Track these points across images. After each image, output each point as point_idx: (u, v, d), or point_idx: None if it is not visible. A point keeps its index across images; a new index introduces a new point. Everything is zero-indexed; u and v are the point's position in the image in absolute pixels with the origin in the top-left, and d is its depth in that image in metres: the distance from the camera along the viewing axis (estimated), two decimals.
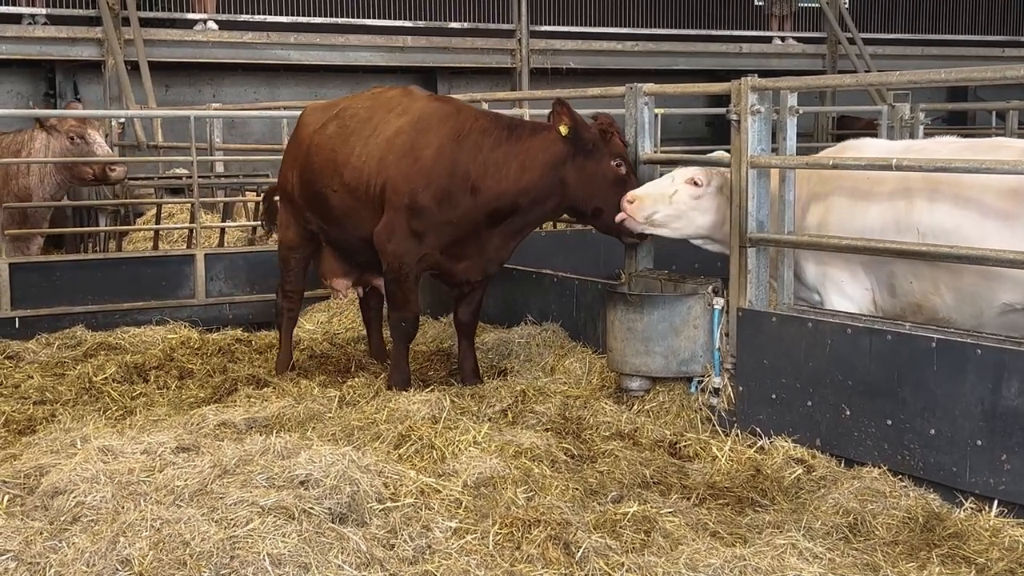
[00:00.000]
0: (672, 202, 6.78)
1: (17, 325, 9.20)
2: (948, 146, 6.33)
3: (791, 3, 21.90)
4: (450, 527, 4.94)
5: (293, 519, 4.75)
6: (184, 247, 11.10)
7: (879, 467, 5.67)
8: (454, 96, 9.67)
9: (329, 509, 4.92)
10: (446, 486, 5.37)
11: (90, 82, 18.01)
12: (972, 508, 5.28)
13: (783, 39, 22.11)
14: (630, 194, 6.86)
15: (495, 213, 7.18)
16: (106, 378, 7.85)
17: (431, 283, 8.58)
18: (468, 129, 7.21)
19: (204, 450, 5.67)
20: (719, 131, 19.79)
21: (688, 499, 5.51)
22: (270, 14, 18.55)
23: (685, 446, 6.27)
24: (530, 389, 7.07)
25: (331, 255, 8.10)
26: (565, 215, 7.92)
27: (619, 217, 6.83)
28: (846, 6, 22.33)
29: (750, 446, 6.18)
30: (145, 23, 17.08)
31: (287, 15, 18.67)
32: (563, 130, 6.96)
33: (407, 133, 7.32)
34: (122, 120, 15.43)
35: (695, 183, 6.78)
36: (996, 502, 5.24)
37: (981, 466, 5.32)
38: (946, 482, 5.46)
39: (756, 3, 22.42)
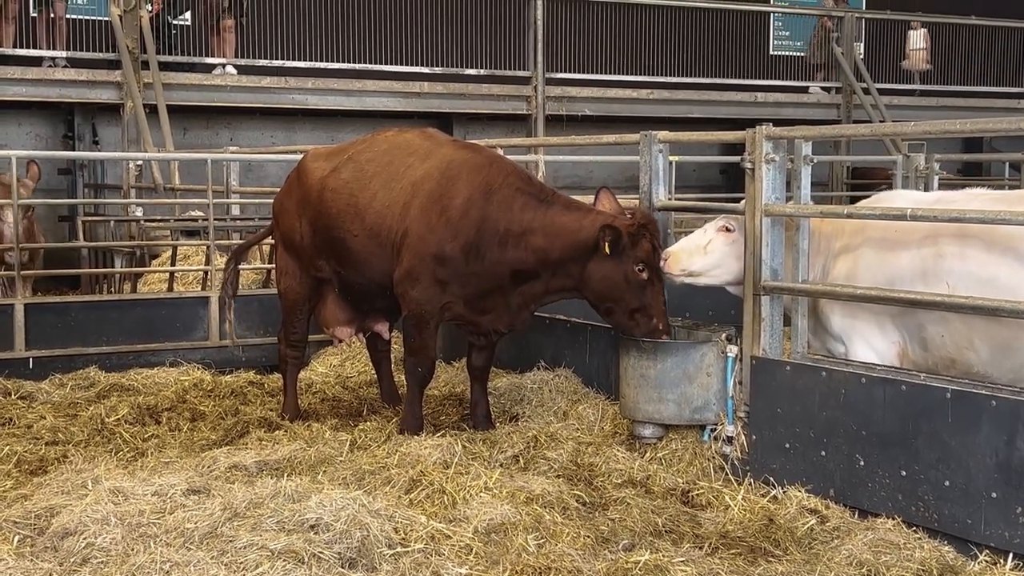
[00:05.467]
0: (708, 252, 6.82)
1: (31, 365, 9.23)
2: (979, 198, 6.24)
3: (830, 53, 21.96)
4: (460, 573, 4.92)
5: (303, 563, 4.74)
6: (199, 289, 11.13)
7: (893, 518, 5.63)
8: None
9: (339, 554, 4.90)
10: (456, 532, 5.34)
11: (108, 124, 18.12)
12: (987, 561, 5.24)
13: (799, 89, 22.16)
14: (665, 252, 6.89)
15: (517, 275, 7.14)
16: (118, 419, 7.85)
17: (443, 328, 8.57)
18: (499, 184, 7.13)
19: (215, 493, 5.66)
20: (733, 179, 19.81)
21: (700, 548, 5.47)
22: (288, 59, 18.65)
23: (698, 494, 6.24)
24: (542, 435, 7.05)
25: (334, 303, 8.06)
26: None
27: (665, 269, 6.81)
28: (861, 56, 22.38)
29: (763, 495, 6.15)
30: (164, 67, 17.18)
31: (305, 60, 18.78)
32: (607, 249, 6.77)
33: (435, 180, 7.26)
34: (140, 162, 15.53)
35: (727, 229, 6.82)
36: (1011, 555, 5.20)
37: (996, 518, 5.28)
38: (960, 534, 5.42)
39: (773, 52, 22.47)
